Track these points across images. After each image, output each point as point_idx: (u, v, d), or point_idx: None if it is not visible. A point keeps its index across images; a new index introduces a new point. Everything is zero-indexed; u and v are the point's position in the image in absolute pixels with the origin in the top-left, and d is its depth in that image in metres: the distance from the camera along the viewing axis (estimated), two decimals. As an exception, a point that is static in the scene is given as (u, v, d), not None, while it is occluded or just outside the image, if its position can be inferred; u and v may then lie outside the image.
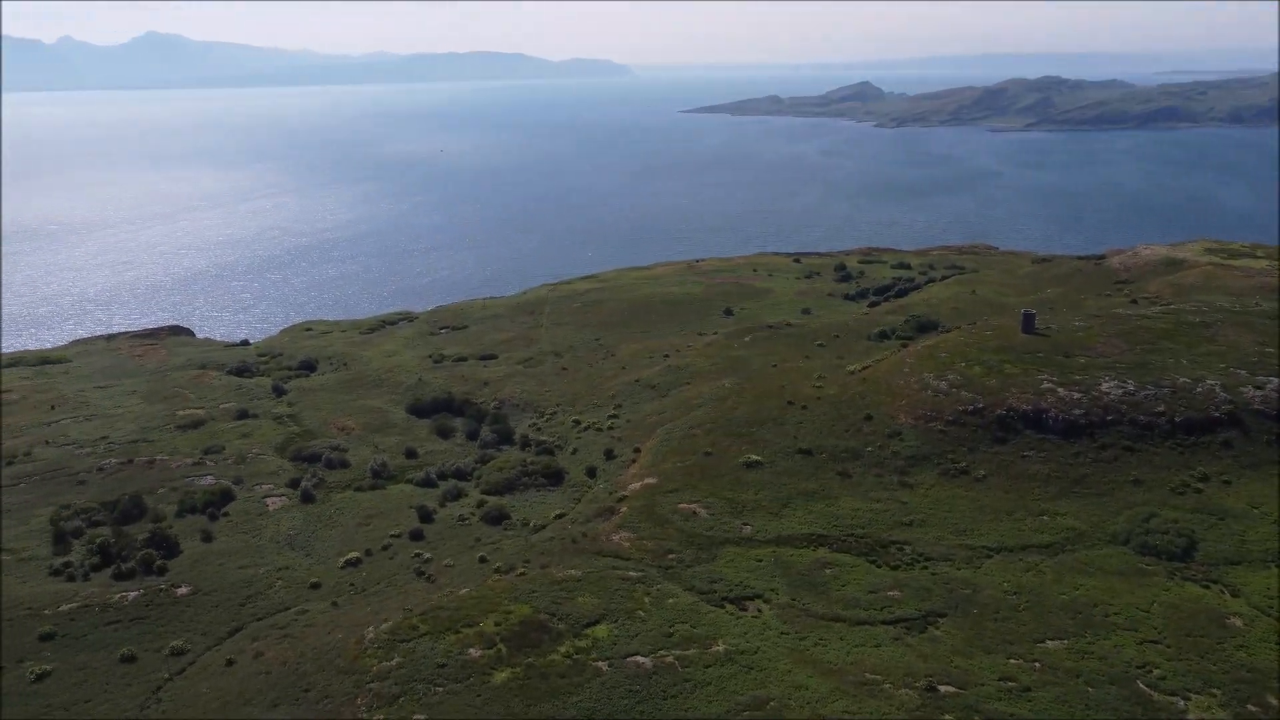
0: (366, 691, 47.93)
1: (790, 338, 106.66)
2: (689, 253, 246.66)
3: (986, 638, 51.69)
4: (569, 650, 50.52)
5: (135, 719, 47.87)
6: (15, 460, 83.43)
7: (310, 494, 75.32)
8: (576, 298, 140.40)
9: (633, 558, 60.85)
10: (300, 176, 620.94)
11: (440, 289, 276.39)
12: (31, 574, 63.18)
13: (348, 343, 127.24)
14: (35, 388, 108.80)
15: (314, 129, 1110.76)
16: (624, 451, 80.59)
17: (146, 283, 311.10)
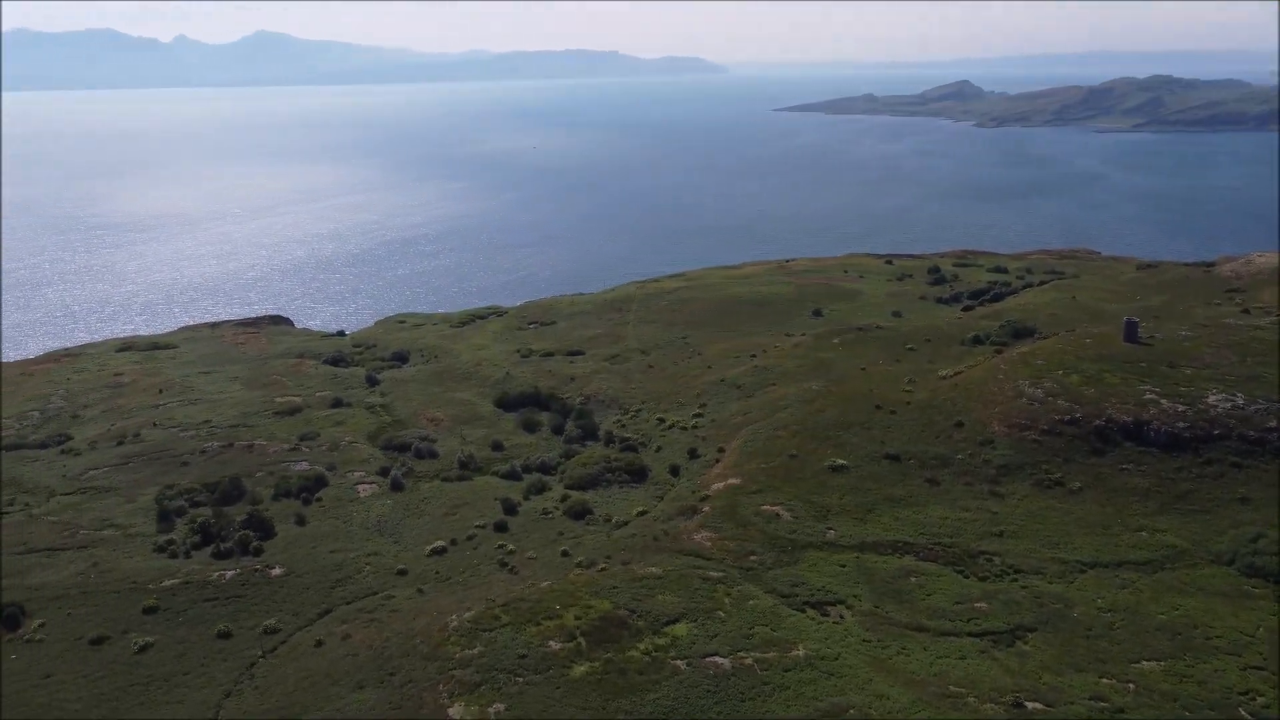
0: (448, 678, 48.82)
1: (880, 341, 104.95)
2: (778, 252, 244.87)
3: (1078, 655, 50.04)
4: (648, 647, 50.62)
5: (230, 692, 49.67)
6: (125, 440, 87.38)
7: (399, 482, 77.04)
8: (664, 296, 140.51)
9: (714, 558, 60.66)
10: (395, 172, 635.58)
11: (529, 285, 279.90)
12: (137, 550, 66.08)
13: (439, 336, 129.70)
14: (145, 371, 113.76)
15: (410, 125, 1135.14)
16: (708, 451, 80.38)
17: (249, 273, 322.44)
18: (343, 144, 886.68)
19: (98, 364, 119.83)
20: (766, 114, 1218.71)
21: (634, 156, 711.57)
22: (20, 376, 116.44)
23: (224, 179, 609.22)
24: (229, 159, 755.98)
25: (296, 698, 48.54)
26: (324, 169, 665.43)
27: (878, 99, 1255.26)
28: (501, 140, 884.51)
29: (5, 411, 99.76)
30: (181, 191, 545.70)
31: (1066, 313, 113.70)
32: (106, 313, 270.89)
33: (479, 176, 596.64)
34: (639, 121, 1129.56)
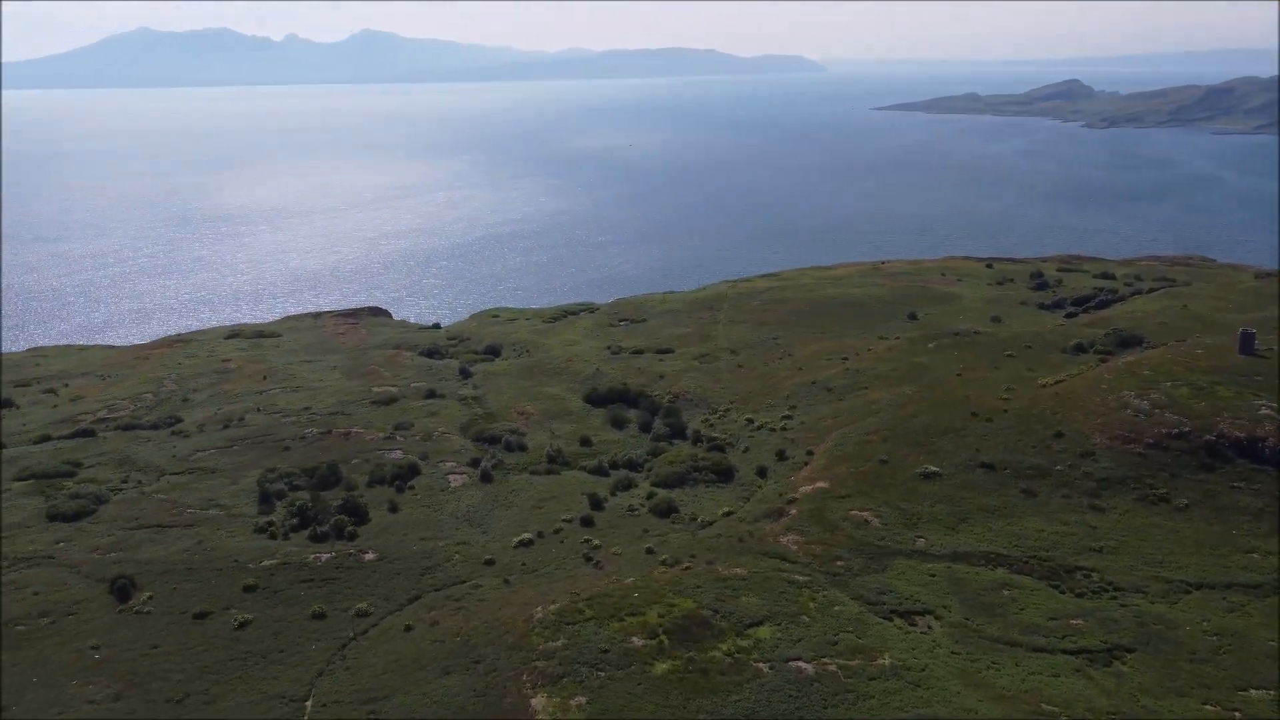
0: (532, 669, 49.42)
1: (977, 346, 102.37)
2: (874, 254, 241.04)
3: (1180, 679, 48.00)
4: (730, 648, 50.41)
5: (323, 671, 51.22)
6: (231, 424, 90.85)
7: (489, 474, 78.30)
8: (756, 295, 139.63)
9: (800, 561, 60.05)
10: (492, 169, 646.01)
11: (621, 282, 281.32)
12: (239, 530, 68.63)
13: (531, 330, 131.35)
14: (250, 358, 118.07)
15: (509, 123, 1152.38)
16: (796, 453, 79.59)
17: (350, 265, 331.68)
18: (442, 141, 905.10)
19: (207, 350, 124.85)
20: (865, 113, 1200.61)
21: (729, 155, 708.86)
22: (136, 360, 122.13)
23: (328, 174, 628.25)
24: (333, 154, 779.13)
25: (385, 680, 49.78)
26: (423, 165, 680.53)
27: (981, 98, 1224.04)
28: (598, 138, 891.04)
29: (123, 392, 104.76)
30: (287, 185, 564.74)
31: (1177, 322, 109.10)
32: (216, 301, 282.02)
33: (574, 174, 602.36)
34: (735, 120, 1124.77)
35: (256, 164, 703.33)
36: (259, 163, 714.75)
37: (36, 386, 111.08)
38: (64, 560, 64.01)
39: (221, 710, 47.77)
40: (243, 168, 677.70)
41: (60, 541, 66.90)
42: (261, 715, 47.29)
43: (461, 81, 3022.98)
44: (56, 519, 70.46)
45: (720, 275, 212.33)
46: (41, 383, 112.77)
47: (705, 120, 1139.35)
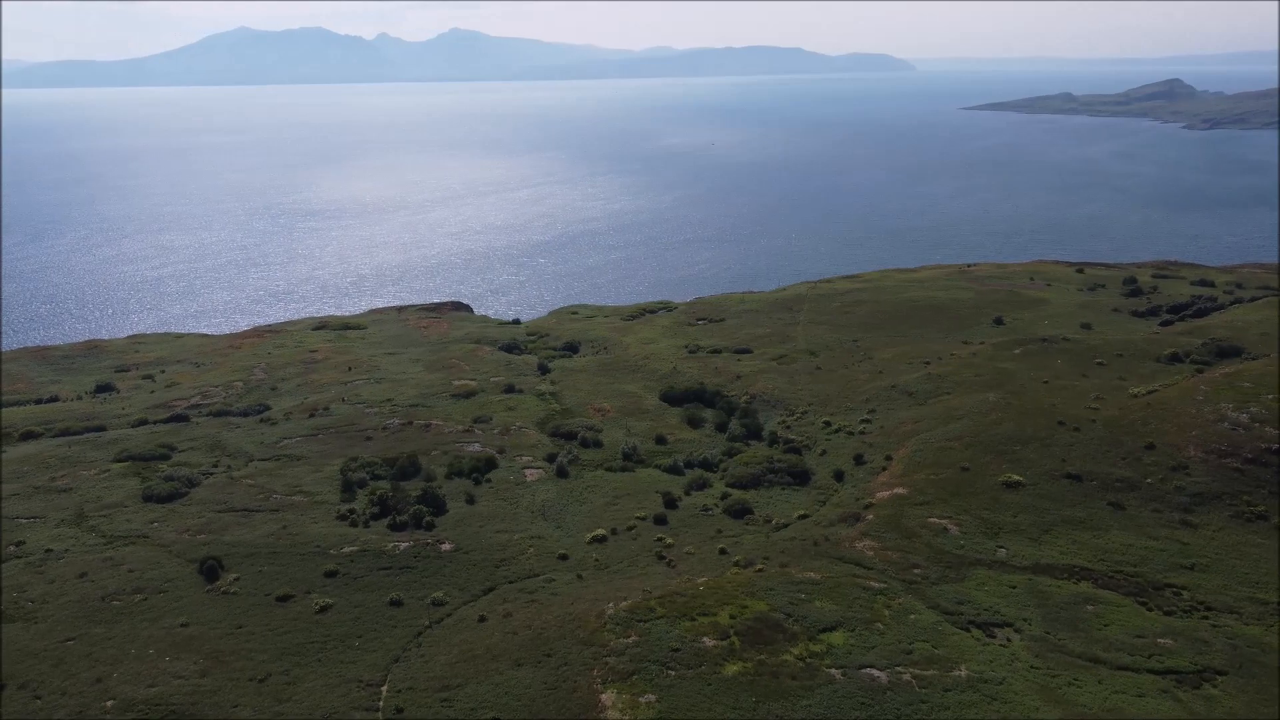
0: (603, 665, 49.65)
1: (1066, 353, 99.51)
2: (959, 257, 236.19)
3: (1275, 706, 45.93)
4: (802, 653, 49.92)
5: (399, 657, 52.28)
6: (316, 413, 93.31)
7: (565, 470, 78.92)
8: (836, 297, 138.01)
9: (875, 567, 59.17)
10: (574, 166, 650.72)
11: (699, 281, 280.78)
12: (322, 516, 70.44)
13: (609, 328, 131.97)
14: (336, 349, 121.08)
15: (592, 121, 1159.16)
16: (874, 458, 78.43)
17: (432, 260, 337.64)
18: (527, 138, 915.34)
19: (295, 341, 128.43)
20: (954, 113, 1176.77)
21: (813, 154, 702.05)
22: (229, 349, 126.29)
23: (414, 170, 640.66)
24: (420, 151, 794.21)
25: (459, 669, 50.56)
26: (507, 162, 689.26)
27: (1076, 98, 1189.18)
28: (680, 136, 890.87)
29: (216, 379, 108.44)
30: (375, 181, 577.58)
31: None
32: (304, 293, 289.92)
33: (656, 172, 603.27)
34: (820, 119, 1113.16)
35: (347, 160, 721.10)
36: (349, 159, 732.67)
37: (135, 372, 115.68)
38: (157, 540, 66.54)
39: (301, 691, 49.08)
40: (333, 164, 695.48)
41: (154, 521, 69.56)
42: (339, 698, 48.46)
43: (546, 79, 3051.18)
44: (151, 500, 73.31)
45: (800, 276, 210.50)
46: (140, 368, 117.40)
47: (788, 119, 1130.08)
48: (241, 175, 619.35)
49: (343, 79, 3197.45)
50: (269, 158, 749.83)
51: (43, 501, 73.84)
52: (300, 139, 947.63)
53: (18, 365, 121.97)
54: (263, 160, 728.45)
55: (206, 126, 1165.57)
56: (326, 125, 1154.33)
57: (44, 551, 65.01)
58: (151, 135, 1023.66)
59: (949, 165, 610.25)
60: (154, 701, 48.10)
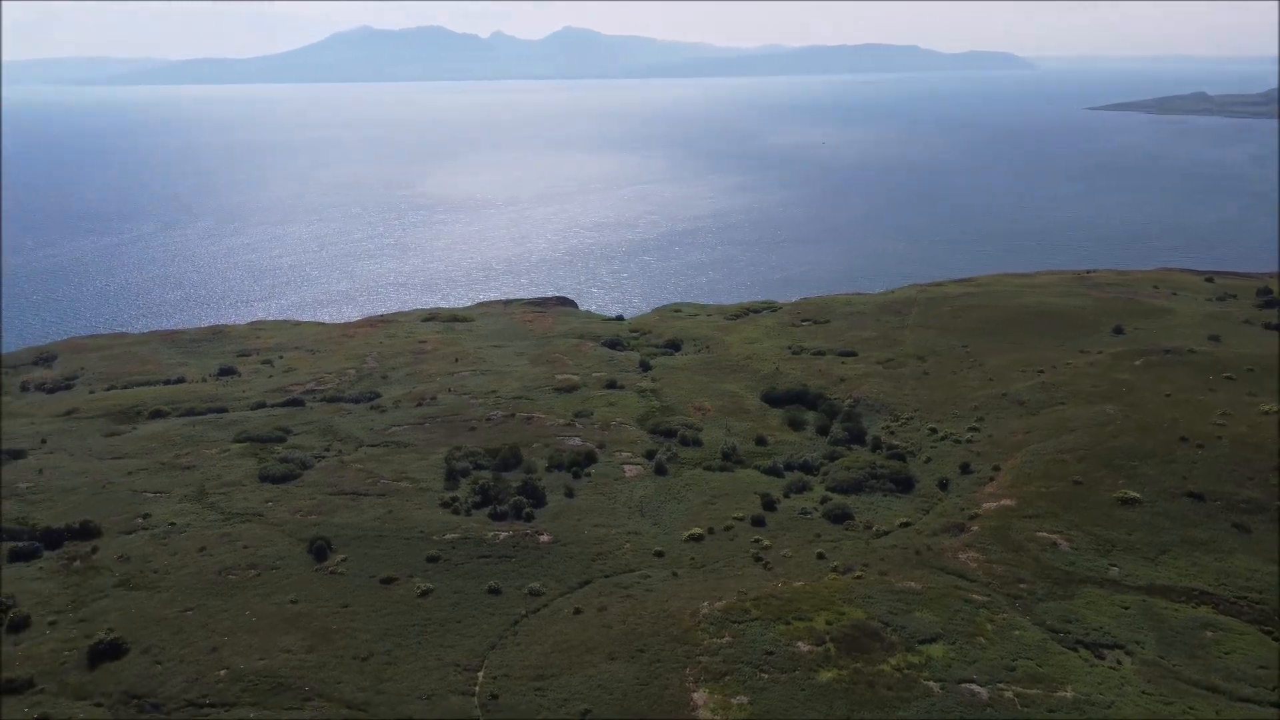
0: (696, 664, 49.58)
1: (1191, 366, 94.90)
2: (1078, 263, 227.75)
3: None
4: (900, 663, 48.89)
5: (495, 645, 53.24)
6: (424, 403, 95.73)
7: (663, 467, 79.07)
8: (946, 301, 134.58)
9: (979, 580, 57.54)
10: (681, 164, 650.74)
11: (804, 281, 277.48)
12: (426, 503, 72.24)
13: (712, 327, 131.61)
14: (444, 341, 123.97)
15: (702, 119, 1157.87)
16: (982, 467, 76.25)
17: (539, 255, 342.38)
18: (635, 136, 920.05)
19: (406, 331, 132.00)
20: (1077, 113, 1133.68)
21: (926, 155, 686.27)
22: (343, 337, 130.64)
23: (524, 167, 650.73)
24: (531, 148, 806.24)
25: (553, 659, 51.19)
26: (615, 159, 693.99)
27: (1211, 98, 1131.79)
28: (790, 135, 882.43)
29: (330, 366, 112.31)
30: (486, 177, 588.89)
31: None
32: (415, 285, 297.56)
33: (764, 171, 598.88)
34: (935, 119, 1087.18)
35: (460, 156, 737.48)
36: (462, 155, 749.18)
37: (256, 357, 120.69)
38: (271, 518, 69.32)
39: (401, 671, 50.44)
40: (447, 159, 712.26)
41: (269, 501, 72.49)
42: (437, 680, 49.62)
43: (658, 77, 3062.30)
44: (267, 480, 76.42)
45: (909, 279, 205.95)
46: (260, 353, 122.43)
47: (902, 118, 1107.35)
48: (358, 169, 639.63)
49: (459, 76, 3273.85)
50: (385, 152, 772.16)
51: (167, 478, 77.72)
52: (414, 135, 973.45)
53: (149, 348, 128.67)
54: (379, 155, 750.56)
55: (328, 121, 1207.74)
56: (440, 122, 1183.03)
57: (168, 525, 68.46)
58: (277, 130, 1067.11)
59: (1069, 167, 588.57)
60: (263, 673, 50.12)
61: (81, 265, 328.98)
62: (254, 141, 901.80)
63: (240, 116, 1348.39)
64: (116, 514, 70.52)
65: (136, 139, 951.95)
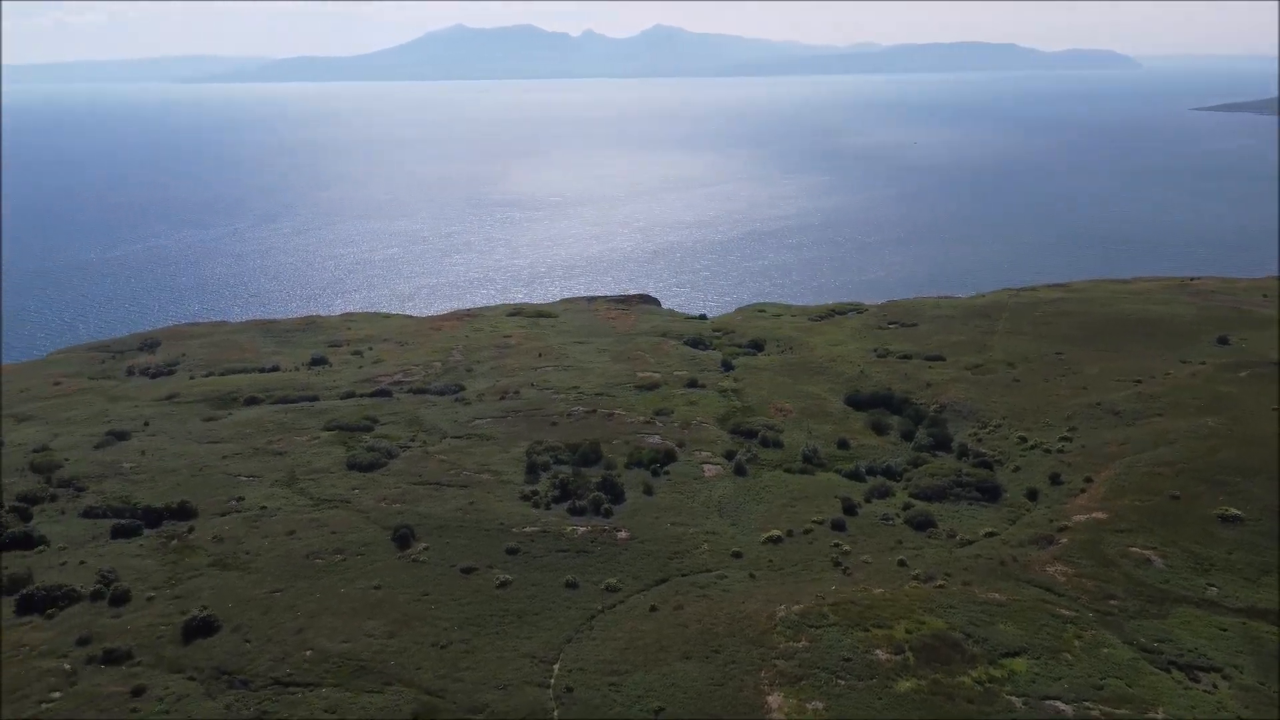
0: (771, 667, 49.17)
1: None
2: (1180, 269, 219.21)
3: None
4: (981, 676, 47.73)
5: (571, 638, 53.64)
6: (507, 396, 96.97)
7: (743, 468, 78.62)
8: (1039, 306, 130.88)
9: (1067, 594, 55.82)
10: (767, 163, 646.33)
11: (890, 284, 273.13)
12: (507, 496, 73.17)
13: (796, 328, 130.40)
14: (528, 336, 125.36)
15: (789, 118, 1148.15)
16: (1073, 478, 73.94)
17: (623, 253, 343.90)
18: (721, 134, 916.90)
19: (491, 325, 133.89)
20: (1182, 113, 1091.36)
21: (1021, 156, 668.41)
22: (430, 330, 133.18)
23: (610, 164, 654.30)
24: (618, 146, 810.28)
25: (628, 656, 51.33)
26: (700, 158, 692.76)
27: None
28: (880, 135, 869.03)
29: (417, 358, 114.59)
30: (573, 175, 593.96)
31: None
32: (500, 279, 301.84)
33: (851, 171, 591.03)
34: (1032, 119, 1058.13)
35: (548, 153, 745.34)
36: (550, 152, 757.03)
37: (346, 348, 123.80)
38: (357, 505, 71.05)
39: (478, 660, 51.17)
40: (535, 156, 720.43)
41: (355, 488, 74.31)
42: (513, 671, 50.21)
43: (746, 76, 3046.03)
44: (354, 468, 78.35)
45: (1001, 283, 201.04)
46: (350, 344, 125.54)
47: (997, 118, 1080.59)
48: (449, 166, 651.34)
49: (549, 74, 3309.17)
50: (475, 150, 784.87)
51: (260, 463, 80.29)
52: (504, 132, 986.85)
53: (246, 336, 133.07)
54: (469, 152, 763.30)
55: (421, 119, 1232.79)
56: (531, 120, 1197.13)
57: (259, 508, 70.74)
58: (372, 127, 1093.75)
59: (1172, 171, 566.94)
60: (346, 656, 51.40)
61: (185, 256, 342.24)
62: (349, 138, 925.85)
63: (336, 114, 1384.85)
64: (212, 496, 73.15)
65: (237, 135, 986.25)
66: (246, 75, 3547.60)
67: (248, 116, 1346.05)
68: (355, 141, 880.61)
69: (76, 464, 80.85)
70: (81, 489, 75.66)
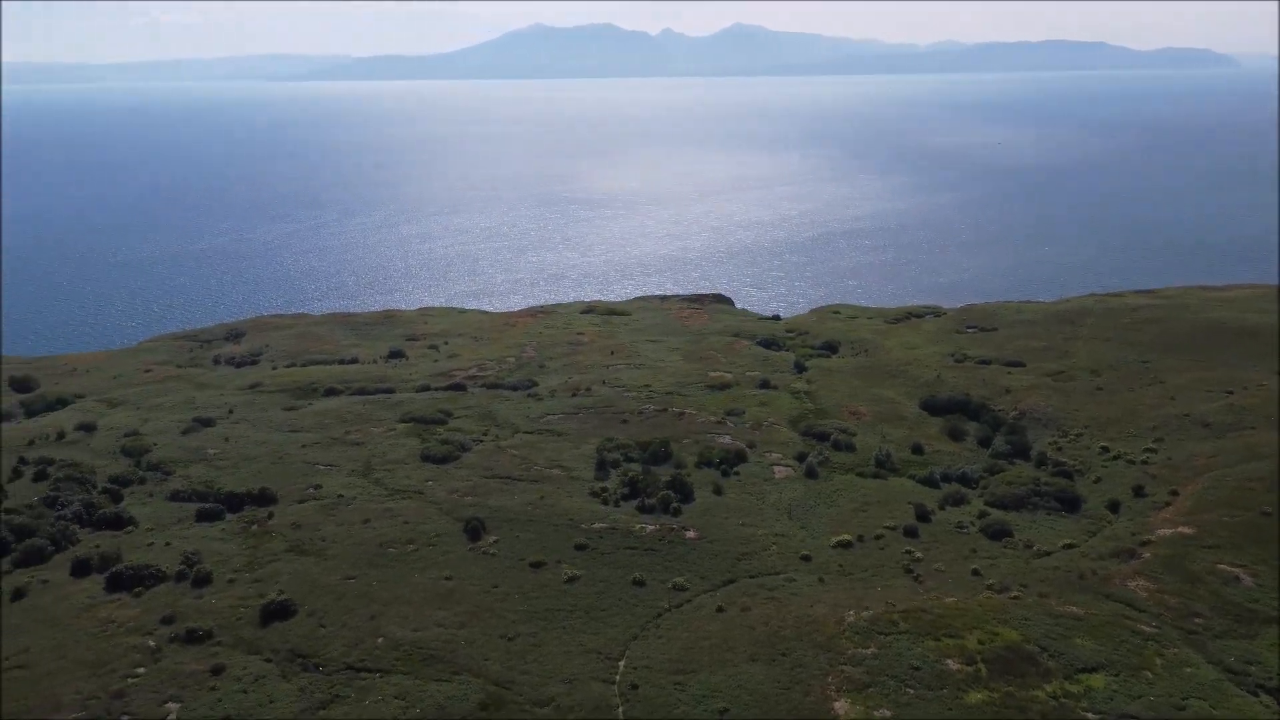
0: (838, 673, 48.61)
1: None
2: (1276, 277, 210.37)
3: None
4: (1056, 691, 46.51)
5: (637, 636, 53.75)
6: (579, 393, 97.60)
7: (814, 470, 77.85)
8: (1126, 313, 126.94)
9: (1148, 610, 54.05)
10: (844, 163, 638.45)
11: (969, 287, 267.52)
12: (576, 491, 73.63)
13: (871, 330, 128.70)
14: (601, 334, 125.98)
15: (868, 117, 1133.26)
16: (1157, 491, 71.58)
17: (696, 252, 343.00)
18: (798, 133, 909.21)
19: (564, 322, 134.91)
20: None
21: (1108, 158, 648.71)
22: (504, 326, 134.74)
23: (686, 163, 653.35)
24: (690, 144, 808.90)
25: (693, 655, 51.23)
26: (776, 157, 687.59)
27: None
28: (960, 135, 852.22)
29: (491, 354, 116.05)
30: (645, 173, 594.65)
31: None
32: (574, 277, 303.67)
33: (931, 172, 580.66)
34: (1120, 120, 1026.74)
35: (620, 152, 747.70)
36: (623, 151, 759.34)
37: (422, 342, 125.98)
38: (430, 497, 72.23)
39: (545, 654, 51.59)
40: (608, 155, 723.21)
41: (429, 480, 75.55)
42: (579, 666, 50.51)
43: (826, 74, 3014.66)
44: (428, 460, 79.67)
45: (1085, 288, 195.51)
46: (426, 339, 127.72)
47: (1084, 118, 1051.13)
48: (526, 164, 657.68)
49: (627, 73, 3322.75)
50: (551, 147, 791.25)
51: (338, 452, 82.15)
52: (580, 130, 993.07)
53: (326, 328, 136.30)
54: (545, 149, 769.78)
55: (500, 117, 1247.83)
56: (607, 118, 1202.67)
57: (336, 497, 72.41)
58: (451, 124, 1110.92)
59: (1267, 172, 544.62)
60: (417, 644, 52.29)
61: (270, 249, 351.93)
62: (429, 135, 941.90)
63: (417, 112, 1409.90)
64: (291, 483, 75.09)
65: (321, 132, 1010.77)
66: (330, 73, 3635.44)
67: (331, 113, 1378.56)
68: (435, 139, 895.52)
69: (164, 449, 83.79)
70: (169, 473, 78.40)
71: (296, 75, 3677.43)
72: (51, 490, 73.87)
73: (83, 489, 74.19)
